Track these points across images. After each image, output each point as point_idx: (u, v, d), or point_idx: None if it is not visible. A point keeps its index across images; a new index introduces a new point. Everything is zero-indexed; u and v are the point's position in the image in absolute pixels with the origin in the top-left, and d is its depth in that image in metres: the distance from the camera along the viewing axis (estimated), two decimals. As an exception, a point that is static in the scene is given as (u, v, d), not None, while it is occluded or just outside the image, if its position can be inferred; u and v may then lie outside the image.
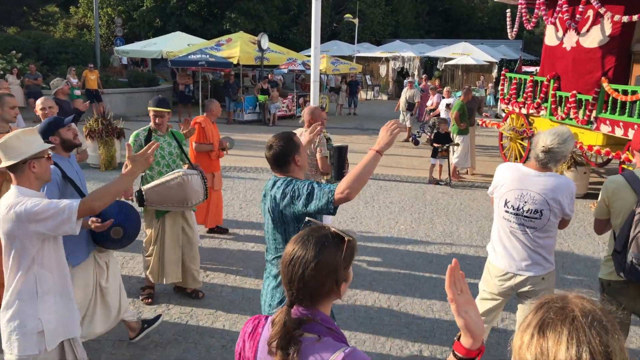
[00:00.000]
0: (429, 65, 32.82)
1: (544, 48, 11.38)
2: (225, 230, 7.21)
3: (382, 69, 30.94)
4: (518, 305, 3.62)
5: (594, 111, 9.30)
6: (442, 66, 30.20)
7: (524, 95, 11.28)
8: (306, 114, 5.55)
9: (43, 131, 3.71)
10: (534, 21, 11.16)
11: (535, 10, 10.92)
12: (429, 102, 15.46)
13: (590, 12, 9.66)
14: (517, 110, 11.57)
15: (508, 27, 11.90)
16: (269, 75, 19.72)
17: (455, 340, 1.52)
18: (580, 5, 9.65)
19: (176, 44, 21.67)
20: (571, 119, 9.81)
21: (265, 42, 18.45)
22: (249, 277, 5.81)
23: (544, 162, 3.29)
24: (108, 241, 3.91)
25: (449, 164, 10.50)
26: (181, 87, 18.94)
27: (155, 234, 5.09)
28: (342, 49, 30.51)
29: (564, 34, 10.42)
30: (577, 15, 9.84)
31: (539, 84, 10.87)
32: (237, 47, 19.25)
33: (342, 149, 6.33)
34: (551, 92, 10.41)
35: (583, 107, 9.57)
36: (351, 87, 21.91)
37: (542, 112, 10.70)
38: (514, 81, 11.78)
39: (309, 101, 11.10)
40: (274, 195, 2.89)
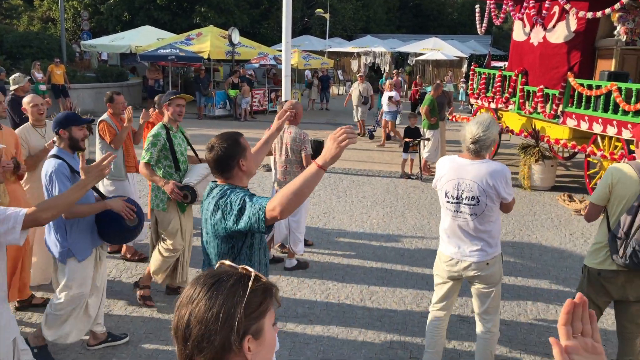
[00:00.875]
0: (400, 60, 33.02)
1: (512, 43, 11.58)
2: None
3: (354, 64, 31.00)
4: (471, 290, 3.81)
5: (561, 105, 9.50)
6: (413, 61, 30.40)
7: (493, 90, 11.45)
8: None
9: (57, 121, 3.76)
10: (502, 17, 11.34)
11: (504, 6, 11.10)
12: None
13: (556, 8, 9.86)
14: (486, 104, 11.74)
15: (477, 22, 12.06)
16: (241, 70, 19.56)
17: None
18: (547, 1, 9.85)
19: (145, 38, 21.33)
20: (538, 113, 10.01)
21: (236, 37, 18.31)
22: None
23: (476, 151, 3.48)
24: (117, 231, 3.84)
25: (420, 159, 10.61)
26: (151, 82, 18.66)
27: (182, 231, 4.91)
28: (314, 44, 30.48)
29: (531, 30, 10.61)
30: (543, 11, 10.03)
31: (508, 79, 11.05)
32: (208, 42, 19.06)
33: (319, 143, 6.40)
34: (519, 86, 10.59)
35: (550, 101, 9.77)
36: (323, 82, 21.90)
37: (511, 107, 10.88)
38: (483, 76, 11.95)
39: (281, 96, 11.06)
40: (207, 206, 2.62)
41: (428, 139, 10.70)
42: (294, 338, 4.52)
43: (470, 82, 12.62)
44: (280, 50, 9.93)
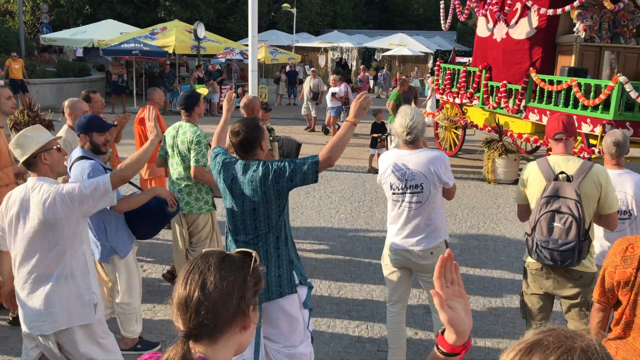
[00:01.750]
0: (366, 55, 33.19)
1: (476, 39, 11.76)
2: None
3: (321, 59, 31.03)
4: (419, 281, 3.90)
5: (523, 100, 9.71)
6: (380, 57, 30.62)
7: (458, 85, 11.61)
8: (242, 105, 5.47)
9: (79, 125, 3.76)
10: (466, 13, 11.51)
11: (467, 2, 11.26)
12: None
13: (519, 5, 10.05)
14: (451, 100, 11.90)
15: (442, 18, 12.21)
16: (210, 66, 19.37)
17: (439, 333, 1.38)
18: (509, -2, 10.04)
19: (108, 32, 20.89)
20: (502, 108, 10.20)
21: (202, 31, 18.09)
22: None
23: (412, 141, 3.58)
24: (150, 224, 3.94)
25: (387, 153, 10.68)
26: (114, 77, 18.29)
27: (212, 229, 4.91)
28: (281, 39, 30.35)
29: (495, 26, 10.80)
30: (506, 8, 10.22)
31: (472, 74, 11.23)
32: (173, 36, 18.79)
33: (298, 145, 6.38)
34: (483, 82, 10.77)
35: (513, 96, 9.97)
36: (290, 77, 21.84)
37: (475, 102, 11.06)
38: (448, 72, 12.11)
39: (248, 91, 10.97)
40: (252, 177, 2.98)
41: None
42: (263, 334, 4.51)
43: (436, 78, 12.78)
44: (247, 45, 9.85)
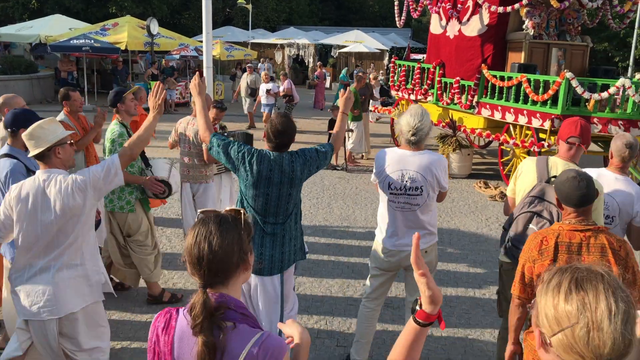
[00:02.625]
0: (323, 52, 33.24)
1: (429, 36, 11.94)
2: None
3: (278, 56, 30.90)
4: (405, 280, 3.89)
5: (476, 96, 9.93)
6: (336, 53, 30.71)
7: (413, 82, 11.77)
8: (193, 102, 5.38)
9: (10, 120, 3.76)
10: (419, 10, 11.66)
11: (421, 0, 11.41)
12: (280, 88, 15.22)
13: (470, 2, 10.26)
14: (406, 96, 12.06)
15: (396, 15, 12.34)
16: (163, 62, 19.00)
17: (417, 309, 1.55)
18: (461, -4, 10.23)
19: (56, 27, 20.16)
20: (455, 104, 10.40)
21: (155, 27, 17.71)
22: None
23: (416, 142, 3.53)
24: None
25: (345, 150, 10.75)
26: (63, 75, 17.71)
27: (152, 228, 4.89)
28: (237, 35, 30.07)
29: (447, 23, 10.99)
30: (458, 5, 10.41)
31: (426, 71, 11.40)
32: (125, 32, 18.34)
33: (249, 136, 6.36)
34: (437, 78, 10.95)
35: (466, 92, 10.18)
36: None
37: (430, 98, 11.23)
38: (403, 68, 12.25)
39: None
40: (292, 168, 3.36)
41: (351, 130, 10.86)
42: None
43: (391, 75, 12.92)
44: (202, 41, 9.70)
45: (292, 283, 3.76)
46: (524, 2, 9.04)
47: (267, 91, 13.72)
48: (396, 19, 12.37)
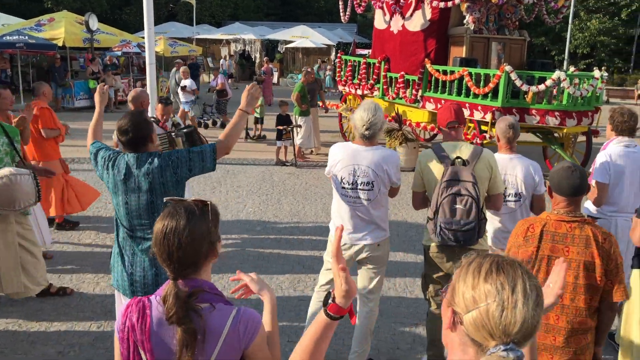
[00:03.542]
0: (270, 48, 33.06)
1: (374, 31, 12.08)
2: (76, 224, 6.84)
3: (224, 51, 30.50)
4: (358, 271, 3.91)
5: (420, 90, 10.12)
6: (283, 49, 30.62)
7: (359, 77, 11.88)
8: (130, 99, 5.24)
9: None
10: (363, 5, 11.77)
11: (365, -5, 11.52)
12: (213, 83, 15.06)
13: (413, -2, 10.44)
14: (353, 91, 12.16)
15: (341, 11, 12.41)
16: (106, 58, 18.38)
17: (330, 302, 1.55)
18: (404, -9, 10.39)
19: (-13, 23, 19.19)
20: (401, 98, 10.57)
21: (94, 23, 17.15)
22: (87, 275, 5.42)
23: (370, 136, 3.57)
24: None
25: (293, 146, 10.74)
26: (-4, 72, 16.89)
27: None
28: (181, 31, 29.47)
29: (391, 18, 11.14)
30: (401, 1, 10.57)
31: (372, 66, 11.53)
32: (62, 28, 17.64)
33: (191, 134, 6.20)
34: (382, 73, 11.09)
35: (410, 87, 10.36)
36: (192, 69, 21.24)
37: (376, 93, 11.38)
38: (349, 63, 12.34)
39: (147, 85, 10.55)
40: (148, 170, 2.94)
41: (299, 126, 10.86)
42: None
43: (338, 70, 12.99)
44: (144, 37, 9.42)
45: None
46: (464, -3, 9.28)
47: (183, 88, 13.43)
48: (341, 14, 12.44)
